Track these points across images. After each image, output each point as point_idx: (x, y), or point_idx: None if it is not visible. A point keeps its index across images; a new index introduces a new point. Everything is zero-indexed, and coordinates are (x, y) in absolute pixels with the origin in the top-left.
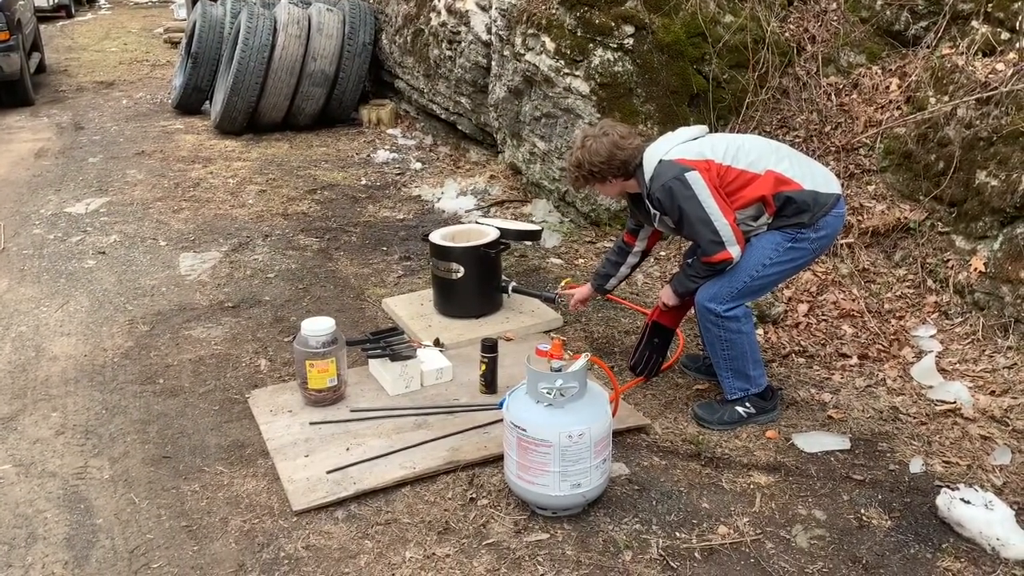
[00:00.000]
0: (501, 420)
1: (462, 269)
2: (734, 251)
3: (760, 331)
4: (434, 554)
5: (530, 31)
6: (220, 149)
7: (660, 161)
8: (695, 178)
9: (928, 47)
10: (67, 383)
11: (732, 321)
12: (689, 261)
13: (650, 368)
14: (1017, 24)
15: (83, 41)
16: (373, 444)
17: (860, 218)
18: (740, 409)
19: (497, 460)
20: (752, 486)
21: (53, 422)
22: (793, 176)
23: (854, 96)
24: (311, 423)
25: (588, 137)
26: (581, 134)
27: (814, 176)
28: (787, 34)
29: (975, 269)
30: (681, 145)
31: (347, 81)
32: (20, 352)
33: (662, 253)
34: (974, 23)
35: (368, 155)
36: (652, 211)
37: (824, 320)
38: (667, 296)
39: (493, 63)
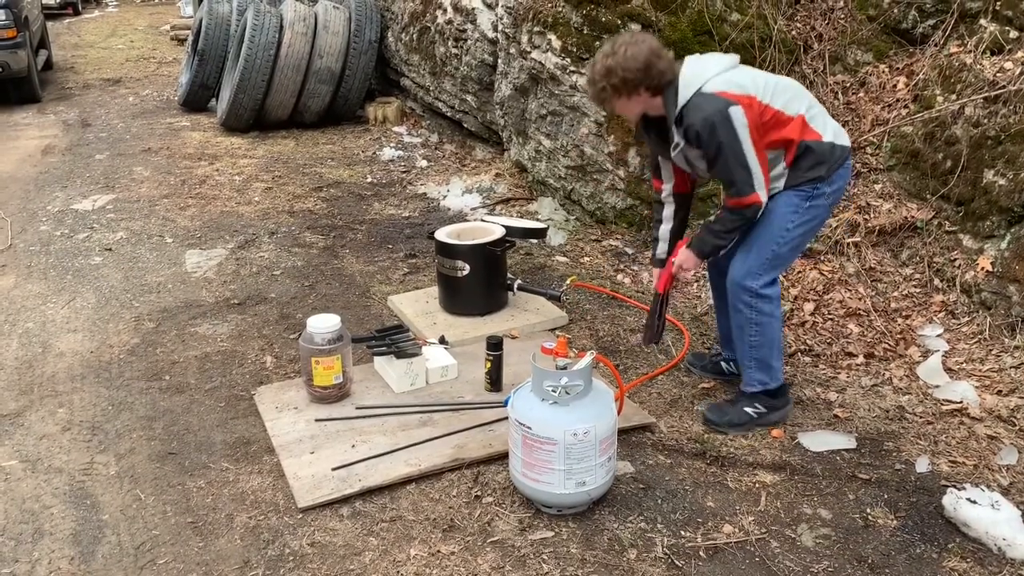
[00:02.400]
0: (506, 418)
1: (467, 267)
2: (763, 196)
3: None
4: (439, 551)
5: (536, 29)
6: (226, 146)
7: (699, 92)
8: (738, 115)
9: (936, 45)
10: (73, 379)
11: (766, 302)
12: (711, 219)
13: (659, 335)
14: None
15: (90, 38)
16: (378, 441)
17: (867, 217)
18: (749, 410)
19: (502, 458)
20: (757, 485)
21: (59, 418)
22: (816, 126)
23: (861, 94)
24: (316, 420)
25: (622, 44)
26: (611, 43)
27: (833, 128)
28: (794, 32)
29: (982, 268)
30: (722, 75)
31: (353, 79)
32: (27, 348)
33: None
34: (982, 21)
35: (374, 153)
36: (676, 140)
37: (830, 319)
38: (688, 260)
39: (499, 61)
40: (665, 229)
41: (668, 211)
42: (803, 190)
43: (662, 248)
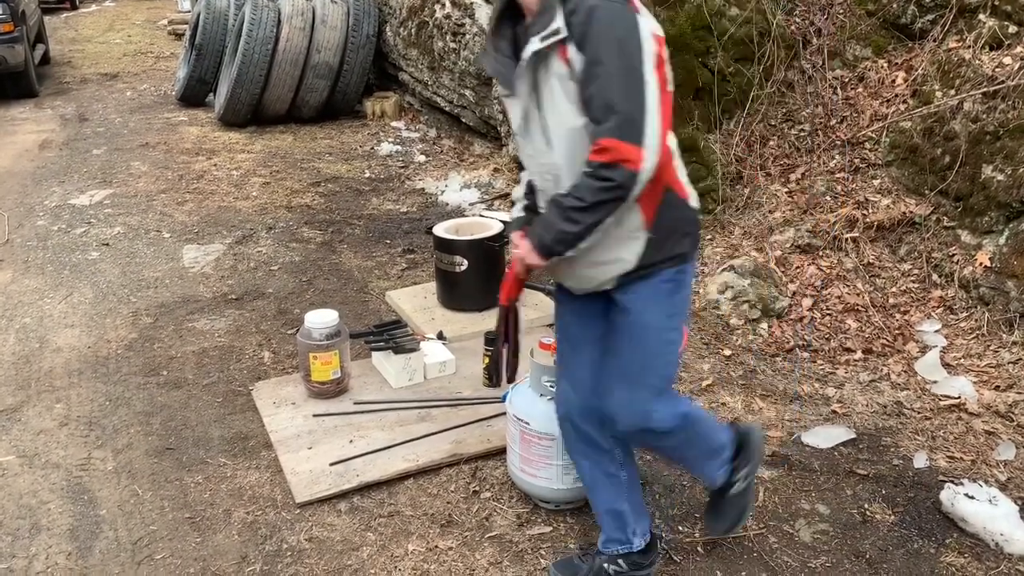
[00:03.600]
0: (504, 413)
1: (466, 262)
2: (650, 160)
3: (764, 325)
4: (437, 547)
5: None
6: (224, 141)
7: None
8: (646, 33)
9: (935, 40)
10: (71, 375)
11: (673, 430)
12: (562, 192)
13: (512, 371)
14: None
15: (87, 33)
16: (376, 436)
17: (865, 212)
18: (609, 567)
19: (500, 453)
20: (755, 480)
21: (57, 413)
22: (681, 177)
23: (860, 90)
24: (314, 415)
25: None
26: None
27: (691, 189)
28: (793, 27)
29: (980, 264)
30: None
31: (351, 73)
32: (24, 343)
33: None
34: (981, 16)
35: (372, 148)
36: (555, 26)
37: (828, 314)
38: (530, 253)
39: None
40: (519, 191)
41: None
42: (665, 274)
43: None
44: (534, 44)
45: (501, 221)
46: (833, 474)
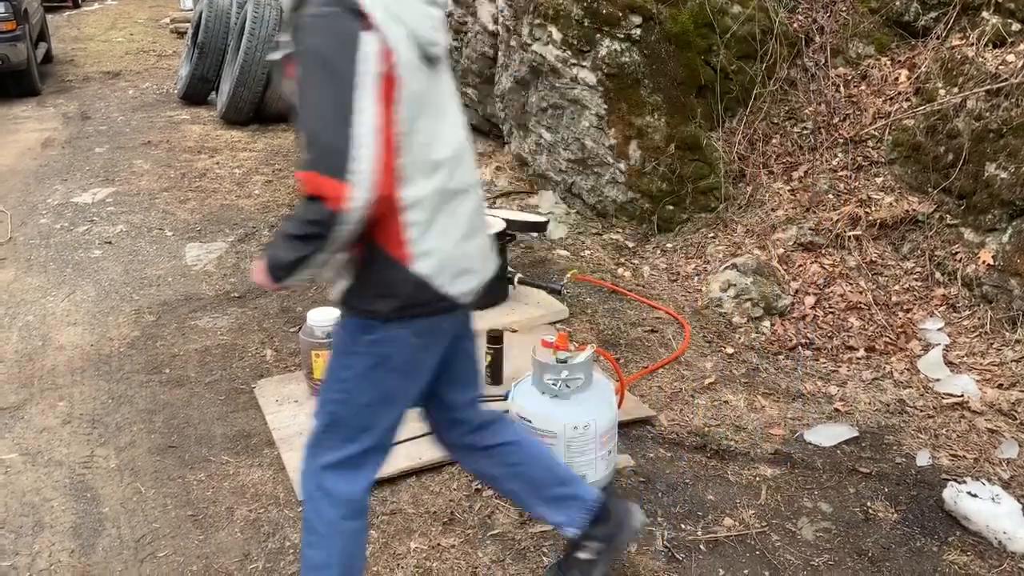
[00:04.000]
0: (507, 411)
1: None
2: (359, 197)
3: (767, 323)
4: (439, 544)
5: (537, 21)
6: (226, 139)
7: None
8: (369, 51)
9: (938, 38)
10: (73, 372)
11: (326, 500)
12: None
13: None
14: None
15: (90, 31)
16: None
17: (868, 210)
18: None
19: None
20: (758, 478)
21: (60, 411)
22: (409, 236)
23: (863, 87)
24: None
25: None
26: None
27: (454, 250)
28: (795, 25)
29: (983, 262)
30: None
31: None
32: (27, 341)
33: (668, 245)
34: (984, 14)
35: None
36: (276, 54)
37: (831, 312)
38: (260, 273)
39: (500, 54)
40: None
41: None
42: (353, 324)
43: None
44: (274, 55)
45: (503, 219)
46: (835, 472)
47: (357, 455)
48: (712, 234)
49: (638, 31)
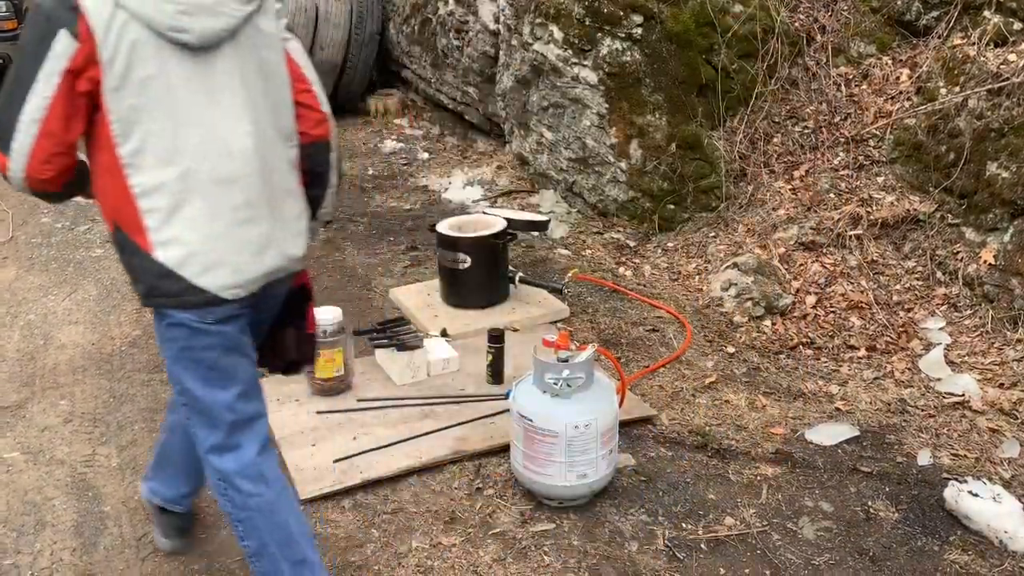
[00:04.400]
0: (507, 410)
1: (469, 259)
2: (14, 171)
3: (768, 323)
4: (440, 543)
5: (538, 20)
6: None
7: None
8: (62, 47)
9: (939, 37)
10: (75, 371)
11: (220, 484)
12: None
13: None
14: None
15: None
16: (380, 433)
17: (869, 210)
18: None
19: (503, 450)
20: (759, 478)
21: (61, 410)
22: (151, 224)
23: (864, 87)
24: (318, 412)
25: None
26: None
27: (199, 239)
28: (797, 24)
29: (985, 261)
30: None
31: (354, 71)
32: (28, 340)
33: (669, 244)
34: (986, 13)
35: (375, 145)
36: None
37: (832, 312)
38: None
39: (501, 53)
40: None
41: None
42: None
43: None
44: None
45: (504, 218)
46: (836, 471)
47: (225, 433)
48: (713, 233)
49: (639, 30)
